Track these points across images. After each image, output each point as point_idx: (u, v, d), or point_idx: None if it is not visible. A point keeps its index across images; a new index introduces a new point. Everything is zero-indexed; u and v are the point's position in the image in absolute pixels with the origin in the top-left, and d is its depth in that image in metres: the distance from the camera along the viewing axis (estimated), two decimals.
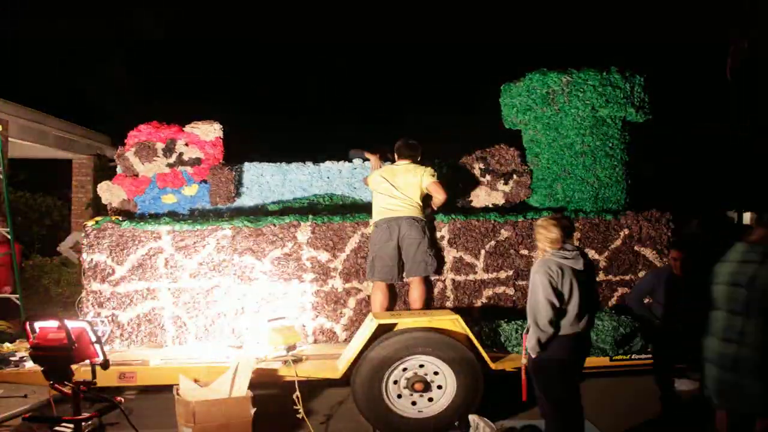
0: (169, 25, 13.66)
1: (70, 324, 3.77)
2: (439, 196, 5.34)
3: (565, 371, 3.85)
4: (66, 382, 3.83)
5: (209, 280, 5.33)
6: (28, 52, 12.78)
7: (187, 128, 5.88)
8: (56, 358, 3.72)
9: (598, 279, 5.64)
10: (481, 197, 6.08)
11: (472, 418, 4.45)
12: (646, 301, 5.48)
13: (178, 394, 4.43)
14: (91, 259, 5.26)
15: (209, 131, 5.86)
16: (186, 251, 5.31)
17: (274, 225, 5.38)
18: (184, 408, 4.32)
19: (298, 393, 4.58)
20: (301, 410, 4.58)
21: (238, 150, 6.20)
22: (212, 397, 4.38)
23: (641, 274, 5.66)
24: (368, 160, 5.96)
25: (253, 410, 4.40)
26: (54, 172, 12.54)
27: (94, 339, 3.86)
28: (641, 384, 5.45)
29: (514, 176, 6.07)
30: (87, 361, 3.90)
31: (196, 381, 4.61)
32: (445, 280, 5.51)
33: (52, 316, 3.91)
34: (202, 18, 14.35)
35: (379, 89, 15.25)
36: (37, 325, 3.84)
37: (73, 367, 3.90)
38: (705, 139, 11.59)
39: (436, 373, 4.71)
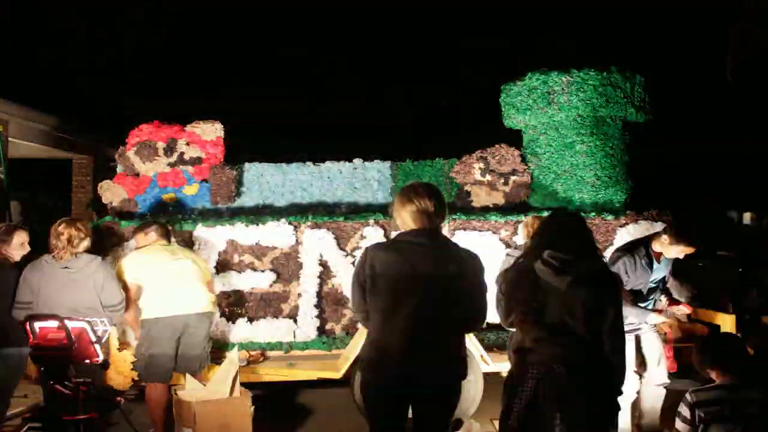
0: (170, 24, 13.64)
1: (70, 324, 3.76)
2: None
3: None
4: (66, 382, 3.83)
5: None
6: (28, 51, 12.76)
7: (189, 128, 5.88)
8: (56, 358, 3.72)
9: None
10: (481, 197, 6.08)
11: (468, 420, 4.44)
12: None
13: (177, 394, 4.42)
14: None
15: (210, 131, 5.86)
16: None
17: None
18: (184, 408, 4.31)
19: None
20: None
21: (238, 149, 6.21)
22: (212, 397, 4.37)
23: None
24: None
25: (252, 410, 4.40)
26: (54, 172, 12.52)
27: (94, 339, 3.86)
28: None
29: (514, 176, 6.06)
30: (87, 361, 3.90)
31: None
32: None
33: (52, 316, 3.90)
34: (204, 17, 14.34)
35: (379, 90, 15.25)
36: (37, 325, 3.83)
37: None
38: (705, 139, 11.60)
39: None
